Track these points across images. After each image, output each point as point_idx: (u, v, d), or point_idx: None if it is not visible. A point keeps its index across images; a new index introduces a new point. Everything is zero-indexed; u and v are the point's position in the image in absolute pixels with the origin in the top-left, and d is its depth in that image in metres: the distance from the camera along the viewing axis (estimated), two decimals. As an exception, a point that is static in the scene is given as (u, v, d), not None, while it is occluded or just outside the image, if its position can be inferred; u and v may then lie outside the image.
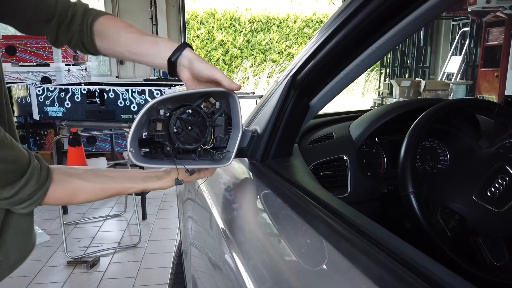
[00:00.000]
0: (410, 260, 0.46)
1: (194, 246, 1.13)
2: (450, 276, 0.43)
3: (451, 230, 0.84)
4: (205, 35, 11.29)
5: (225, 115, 0.75)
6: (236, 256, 0.79)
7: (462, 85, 5.96)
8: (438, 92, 5.91)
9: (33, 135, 5.03)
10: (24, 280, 2.37)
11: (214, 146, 0.75)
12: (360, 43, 0.72)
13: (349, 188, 1.04)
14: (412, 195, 0.81)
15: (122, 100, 2.85)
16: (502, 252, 0.88)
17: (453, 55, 6.89)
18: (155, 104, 0.68)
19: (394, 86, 6.46)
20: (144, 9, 6.36)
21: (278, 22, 11.58)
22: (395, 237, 0.52)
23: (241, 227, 0.87)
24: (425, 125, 0.89)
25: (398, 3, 0.62)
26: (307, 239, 0.64)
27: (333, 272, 0.55)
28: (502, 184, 0.86)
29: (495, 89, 5.41)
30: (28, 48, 4.96)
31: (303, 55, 0.82)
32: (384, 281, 0.45)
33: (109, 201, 3.61)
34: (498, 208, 0.84)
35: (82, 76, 5.54)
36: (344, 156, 1.06)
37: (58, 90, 2.90)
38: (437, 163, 1.16)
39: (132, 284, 2.35)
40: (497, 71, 5.40)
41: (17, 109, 3.89)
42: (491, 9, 4.71)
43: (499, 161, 0.89)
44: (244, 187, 1.01)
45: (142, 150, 0.71)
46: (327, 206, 0.64)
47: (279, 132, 0.86)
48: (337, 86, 0.82)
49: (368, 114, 1.15)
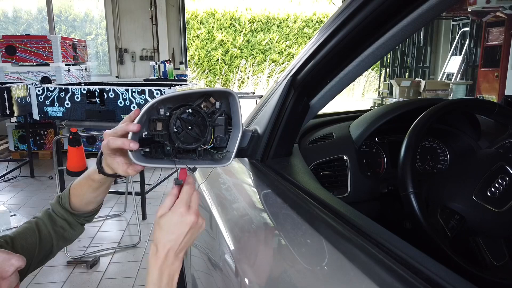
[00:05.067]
0: (410, 259, 0.46)
1: (194, 246, 1.13)
2: (450, 276, 0.43)
3: (451, 230, 0.84)
4: (205, 35, 11.29)
5: (225, 115, 0.75)
6: (236, 256, 0.79)
7: (462, 85, 5.96)
8: (438, 92, 5.90)
9: (33, 135, 5.03)
10: (24, 280, 2.37)
11: (214, 146, 0.75)
12: (360, 43, 0.72)
13: (349, 188, 1.04)
14: (412, 195, 0.81)
15: (122, 100, 2.85)
16: (502, 252, 0.88)
17: (453, 55, 6.89)
18: (155, 103, 0.68)
19: (394, 86, 6.46)
20: (144, 9, 6.36)
21: (278, 22, 11.58)
22: (395, 237, 0.52)
23: (241, 227, 0.87)
24: (425, 125, 0.89)
25: (398, 3, 0.62)
26: (307, 239, 0.64)
27: (333, 271, 0.55)
28: (502, 184, 0.86)
29: (495, 89, 5.41)
30: (28, 48, 4.95)
31: (303, 55, 0.82)
32: (384, 281, 0.45)
33: (109, 201, 3.61)
34: (498, 208, 0.84)
35: (82, 76, 5.54)
36: (344, 156, 1.06)
37: (58, 90, 2.90)
38: (437, 163, 1.16)
39: (132, 284, 2.35)
40: (497, 71, 5.40)
41: (17, 109, 3.89)
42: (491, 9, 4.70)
43: (499, 161, 0.89)
44: (244, 187, 1.01)
45: (142, 150, 0.71)
46: (327, 206, 0.64)
47: (279, 132, 0.86)
48: (337, 86, 0.82)
49: (368, 114, 1.15)
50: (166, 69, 5.81)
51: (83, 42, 5.83)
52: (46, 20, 6.68)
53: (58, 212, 0.85)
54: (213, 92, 0.73)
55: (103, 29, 6.98)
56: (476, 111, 1.06)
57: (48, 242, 0.83)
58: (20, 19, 8.11)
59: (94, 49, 7.60)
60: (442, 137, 1.17)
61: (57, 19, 7.14)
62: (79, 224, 0.87)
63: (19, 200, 3.75)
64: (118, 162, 0.72)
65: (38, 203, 3.66)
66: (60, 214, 0.85)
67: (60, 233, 0.84)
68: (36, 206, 3.59)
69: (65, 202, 0.85)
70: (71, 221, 0.85)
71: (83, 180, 0.82)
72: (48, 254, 0.84)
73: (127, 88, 2.85)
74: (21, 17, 8.11)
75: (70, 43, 5.31)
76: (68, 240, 0.86)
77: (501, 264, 0.86)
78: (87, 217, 0.87)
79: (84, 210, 0.86)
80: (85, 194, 0.83)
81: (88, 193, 0.83)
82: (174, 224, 0.67)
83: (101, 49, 7.58)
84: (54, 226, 0.84)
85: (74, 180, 0.85)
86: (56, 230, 0.84)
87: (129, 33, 6.44)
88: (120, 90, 2.84)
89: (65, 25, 8.08)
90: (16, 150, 5.13)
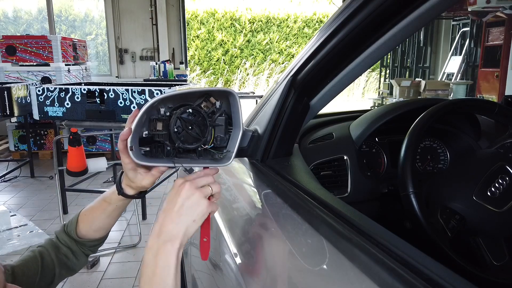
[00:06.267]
0: (410, 259, 0.46)
1: (194, 246, 1.13)
2: (450, 276, 0.43)
3: (451, 230, 0.84)
4: (205, 35, 11.29)
5: (226, 114, 0.75)
6: (236, 256, 0.79)
7: (462, 85, 5.96)
8: (438, 92, 5.90)
9: (33, 135, 5.03)
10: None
11: (214, 146, 0.75)
12: (360, 43, 0.72)
13: (349, 188, 1.04)
14: (412, 195, 0.81)
15: (122, 100, 2.85)
16: (502, 252, 0.88)
17: (453, 55, 6.89)
18: (155, 102, 0.68)
19: (394, 86, 6.46)
20: (144, 9, 6.36)
21: (278, 22, 11.58)
22: (395, 236, 0.52)
23: (241, 227, 0.87)
24: (425, 125, 0.89)
25: (398, 3, 0.62)
26: (307, 239, 0.64)
27: (334, 271, 0.55)
28: (502, 184, 0.86)
29: (495, 89, 5.41)
30: (28, 48, 4.95)
31: (303, 55, 0.82)
32: (384, 281, 0.45)
33: (109, 201, 3.60)
34: (498, 208, 0.84)
35: (82, 76, 5.54)
36: (344, 156, 1.06)
37: (58, 90, 2.90)
38: (437, 163, 1.16)
39: (132, 284, 2.35)
40: (497, 71, 5.39)
41: (17, 109, 3.89)
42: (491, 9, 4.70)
43: (499, 161, 0.89)
44: (244, 187, 1.01)
45: (142, 149, 0.71)
46: (327, 206, 0.64)
47: (279, 132, 0.86)
48: (337, 86, 0.82)
49: (368, 114, 1.15)
50: (166, 69, 5.81)
51: (83, 42, 5.84)
52: (46, 20, 6.69)
53: (63, 239, 0.84)
54: (213, 91, 0.73)
55: (103, 29, 6.99)
56: (476, 111, 1.06)
57: (51, 270, 0.81)
58: (20, 19, 8.11)
59: (94, 49, 7.60)
60: (442, 137, 1.17)
61: (57, 19, 7.14)
62: (83, 254, 0.85)
63: (19, 200, 3.75)
64: (141, 173, 0.73)
65: (38, 203, 3.66)
66: (64, 241, 0.83)
67: (63, 261, 0.83)
68: (36, 206, 3.59)
69: (71, 230, 0.83)
70: (75, 250, 0.84)
71: (96, 204, 0.82)
72: (49, 283, 0.82)
73: (127, 88, 2.85)
74: (21, 17, 8.11)
75: (70, 43, 5.31)
76: (71, 270, 0.85)
77: (501, 264, 0.86)
78: (92, 246, 0.86)
79: (91, 237, 0.84)
80: (96, 219, 0.82)
81: (99, 218, 0.82)
82: (172, 194, 0.66)
83: (101, 49, 7.59)
84: (57, 253, 0.83)
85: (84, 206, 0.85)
86: (59, 257, 0.83)
87: (129, 33, 6.44)
88: (120, 90, 2.84)
89: (65, 25, 8.08)
90: (16, 150, 5.14)
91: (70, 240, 0.83)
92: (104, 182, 4.15)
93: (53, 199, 3.69)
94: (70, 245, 0.83)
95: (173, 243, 0.62)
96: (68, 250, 0.83)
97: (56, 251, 0.83)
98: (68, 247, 0.83)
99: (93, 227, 0.83)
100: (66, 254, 0.83)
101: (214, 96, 0.73)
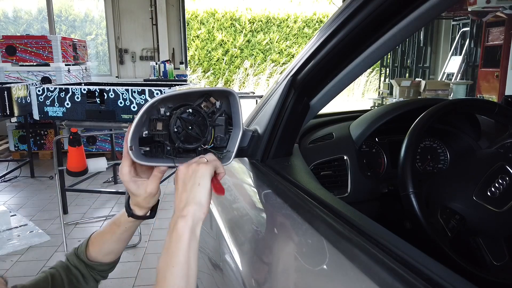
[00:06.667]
0: (410, 259, 0.46)
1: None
2: (450, 276, 0.43)
3: (451, 230, 0.84)
4: (205, 35, 11.29)
5: (226, 114, 0.75)
6: (236, 256, 0.79)
7: (462, 85, 5.96)
8: (438, 92, 5.90)
9: (33, 135, 5.03)
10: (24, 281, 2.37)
11: (214, 146, 0.75)
12: (360, 43, 0.72)
13: (349, 188, 1.04)
14: (412, 195, 0.81)
15: (122, 100, 2.84)
16: (502, 252, 0.88)
17: (453, 55, 6.89)
18: (155, 102, 0.68)
19: (394, 86, 6.46)
20: (144, 9, 6.36)
21: (278, 22, 11.58)
22: (395, 236, 0.52)
23: (241, 227, 0.87)
24: (425, 125, 0.89)
25: (398, 3, 0.62)
26: (307, 239, 0.64)
27: (334, 271, 0.55)
28: (502, 184, 0.86)
29: (495, 89, 5.41)
30: (28, 48, 4.95)
31: (303, 55, 0.82)
32: (384, 281, 0.45)
33: (109, 201, 3.61)
34: (498, 208, 0.84)
35: (82, 76, 5.54)
36: (344, 156, 1.06)
37: (58, 90, 2.90)
38: (437, 163, 1.16)
39: (132, 284, 2.35)
40: (497, 71, 5.40)
41: (17, 109, 3.89)
42: (491, 9, 4.70)
43: (499, 161, 0.89)
44: (244, 187, 1.01)
45: (142, 149, 0.71)
46: (327, 206, 0.64)
47: (279, 132, 0.86)
48: (337, 86, 0.82)
49: (368, 114, 1.15)
50: (166, 69, 5.81)
51: (83, 42, 5.84)
52: (46, 20, 6.69)
53: (73, 261, 0.83)
54: (213, 91, 0.73)
55: (103, 29, 6.98)
56: (476, 111, 1.06)
57: None
58: (20, 19, 8.11)
59: (94, 49, 7.60)
60: (442, 137, 1.17)
61: (57, 19, 7.14)
62: (92, 279, 0.85)
63: (19, 200, 3.75)
64: (141, 181, 0.72)
65: (38, 203, 3.66)
66: (74, 264, 0.83)
67: (73, 283, 0.83)
68: (36, 206, 3.59)
69: (81, 252, 0.83)
70: (85, 274, 0.83)
71: (106, 227, 0.82)
72: None
73: (127, 88, 2.85)
74: (21, 17, 8.11)
75: (70, 43, 5.31)
76: None
77: (501, 264, 0.86)
78: (102, 271, 0.85)
79: (101, 261, 0.84)
80: (106, 242, 0.82)
81: (109, 241, 0.82)
82: (175, 183, 0.68)
83: (101, 49, 7.59)
84: (68, 274, 0.82)
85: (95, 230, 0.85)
86: (69, 278, 0.82)
87: (129, 33, 6.44)
88: (120, 90, 2.83)
89: (65, 25, 8.08)
90: (16, 150, 5.14)
91: (80, 262, 0.83)
92: (104, 182, 4.15)
93: (53, 199, 3.69)
94: (80, 268, 0.83)
95: (184, 218, 0.63)
96: (77, 272, 0.83)
97: (66, 272, 0.82)
98: (77, 269, 0.83)
99: (103, 251, 0.83)
100: (76, 277, 0.83)
101: (214, 96, 0.73)
